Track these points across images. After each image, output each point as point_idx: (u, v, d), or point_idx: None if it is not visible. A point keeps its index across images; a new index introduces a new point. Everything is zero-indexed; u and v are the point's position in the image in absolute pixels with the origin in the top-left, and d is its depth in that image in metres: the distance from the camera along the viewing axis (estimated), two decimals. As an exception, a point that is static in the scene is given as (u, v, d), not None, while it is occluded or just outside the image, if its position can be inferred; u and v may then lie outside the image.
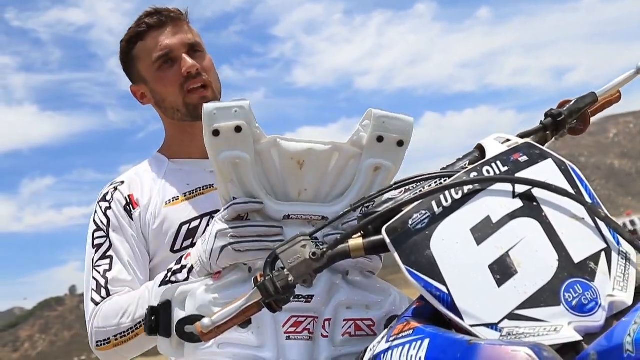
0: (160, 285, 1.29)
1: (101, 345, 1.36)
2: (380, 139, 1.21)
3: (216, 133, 1.16)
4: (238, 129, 1.16)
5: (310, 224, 1.22)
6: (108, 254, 1.44)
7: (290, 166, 1.20)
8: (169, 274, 1.29)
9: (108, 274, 1.41)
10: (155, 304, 1.21)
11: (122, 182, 1.53)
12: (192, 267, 1.25)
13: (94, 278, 1.42)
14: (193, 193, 1.49)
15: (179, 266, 1.28)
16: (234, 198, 1.20)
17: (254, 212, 1.20)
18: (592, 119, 1.25)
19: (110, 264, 1.42)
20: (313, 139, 1.22)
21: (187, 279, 1.25)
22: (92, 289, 1.41)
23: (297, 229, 1.19)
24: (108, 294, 1.39)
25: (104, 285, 1.40)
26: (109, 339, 1.35)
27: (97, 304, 1.38)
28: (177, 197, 1.48)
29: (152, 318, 1.19)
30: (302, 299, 1.17)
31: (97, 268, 1.43)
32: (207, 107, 1.17)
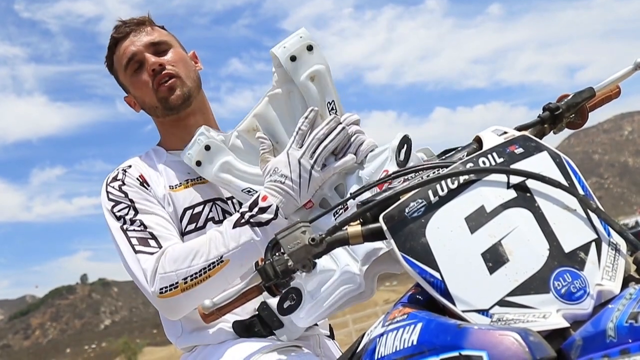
0: (233, 227, 1.29)
1: (166, 291, 1.31)
2: (293, 59, 1.30)
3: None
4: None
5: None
6: (136, 217, 1.42)
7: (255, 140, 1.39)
8: (242, 217, 1.29)
9: (148, 229, 1.40)
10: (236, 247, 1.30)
11: (130, 166, 1.56)
12: (277, 209, 1.27)
13: (131, 238, 1.39)
14: (194, 181, 1.52)
15: (256, 208, 1.28)
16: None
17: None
18: (607, 116, 1.27)
19: (143, 223, 1.41)
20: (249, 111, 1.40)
21: (274, 218, 1.27)
22: (135, 247, 1.38)
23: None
24: (158, 244, 1.37)
25: (150, 236, 1.39)
26: (177, 283, 1.30)
27: (152, 253, 1.36)
28: (180, 183, 1.52)
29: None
30: None
31: (129, 232, 1.40)
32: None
